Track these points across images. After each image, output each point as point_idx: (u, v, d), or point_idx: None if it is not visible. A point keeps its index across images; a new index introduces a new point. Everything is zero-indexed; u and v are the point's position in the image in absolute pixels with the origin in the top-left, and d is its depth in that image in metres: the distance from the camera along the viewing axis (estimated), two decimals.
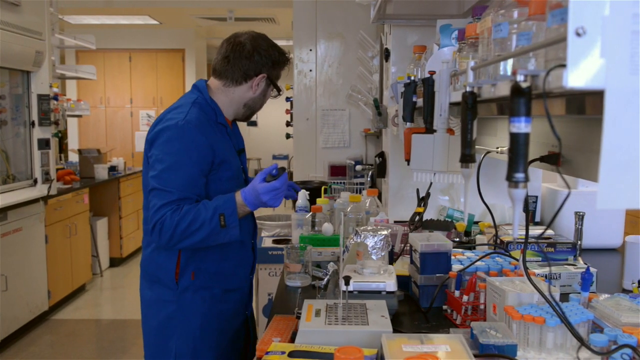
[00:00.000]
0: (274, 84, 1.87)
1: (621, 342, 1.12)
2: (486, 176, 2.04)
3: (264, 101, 1.90)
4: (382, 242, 1.55)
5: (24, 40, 4.08)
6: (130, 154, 8.75)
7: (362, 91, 4.15)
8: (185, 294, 1.77)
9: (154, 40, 8.74)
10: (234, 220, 1.66)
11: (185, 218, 1.62)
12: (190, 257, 1.76)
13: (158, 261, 1.79)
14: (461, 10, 2.53)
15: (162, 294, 1.79)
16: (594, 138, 1.18)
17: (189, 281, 1.76)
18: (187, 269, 1.76)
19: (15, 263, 3.98)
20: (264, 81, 1.83)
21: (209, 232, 1.63)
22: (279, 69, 1.86)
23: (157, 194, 1.65)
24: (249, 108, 1.87)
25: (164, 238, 1.63)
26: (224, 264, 1.82)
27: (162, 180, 1.65)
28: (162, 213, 1.62)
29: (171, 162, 1.66)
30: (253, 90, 1.83)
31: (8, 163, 4.38)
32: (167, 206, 1.63)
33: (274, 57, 1.83)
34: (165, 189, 1.64)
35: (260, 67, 1.81)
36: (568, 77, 0.75)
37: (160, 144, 1.68)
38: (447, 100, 1.61)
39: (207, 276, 1.78)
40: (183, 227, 1.61)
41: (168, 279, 1.77)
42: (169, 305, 1.78)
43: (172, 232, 1.61)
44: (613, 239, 2.41)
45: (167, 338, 1.78)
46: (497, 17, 1.10)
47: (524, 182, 0.92)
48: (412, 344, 1.10)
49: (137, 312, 4.98)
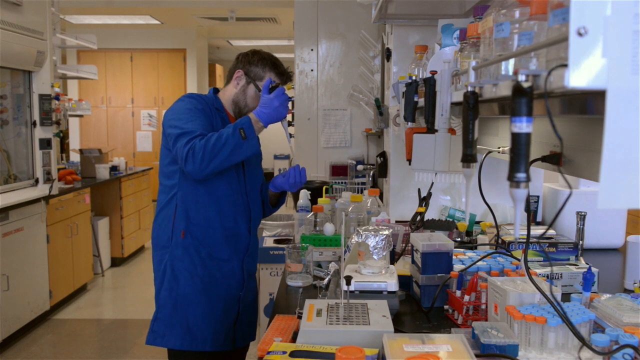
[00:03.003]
0: (253, 81, 2.09)
1: (623, 342, 1.12)
2: (488, 176, 2.04)
3: (248, 99, 2.10)
4: (383, 242, 1.55)
5: (26, 40, 4.08)
6: (132, 153, 8.76)
7: (364, 91, 4.15)
8: (176, 250, 2.01)
9: (156, 40, 8.75)
10: (252, 132, 1.90)
11: (210, 138, 1.85)
12: (180, 220, 2.00)
13: (159, 223, 2.06)
14: (462, 10, 2.53)
15: (162, 255, 2.04)
16: (595, 138, 1.18)
17: (180, 239, 2.01)
18: (178, 229, 2.01)
19: (16, 263, 3.98)
20: (242, 78, 2.09)
21: (233, 146, 1.85)
22: (256, 68, 2.09)
23: (182, 135, 1.87)
24: (236, 104, 2.12)
25: (197, 159, 1.83)
26: (211, 231, 2.02)
27: (184, 125, 1.90)
28: (191, 143, 1.84)
29: (187, 116, 1.93)
30: (235, 86, 2.11)
31: (9, 163, 4.38)
32: (194, 138, 1.85)
33: (255, 57, 2.10)
34: (188, 130, 1.88)
35: (238, 65, 2.11)
36: (569, 77, 0.74)
37: (172, 111, 1.98)
38: (448, 100, 1.61)
39: (194, 239, 2.01)
40: (211, 144, 1.83)
41: (165, 238, 2.03)
42: (164, 259, 2.03)
43: (202, 151, 1.82)
44: (615, 238, 2.40)
45: (159, 286, 2.05)
46: (499, 16, 1.10)
47: (526, 182, 0.92)
48: (414, 344, 1.10)
49: (138, 311, 4.96)
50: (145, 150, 8.86)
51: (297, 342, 1.25)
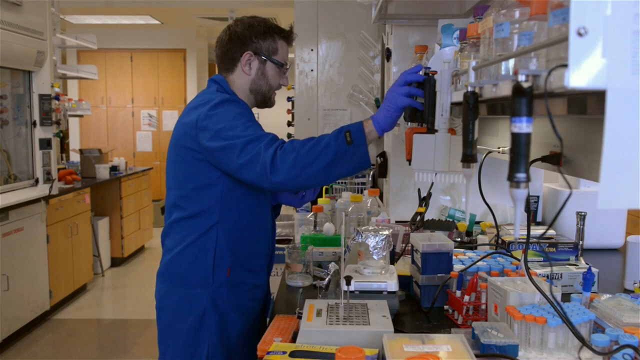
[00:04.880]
0: (269, 58, 1.74)
1: (623, 342, 1.12)
2: (488, 176, 2.04)
3: (273, 81, 1.77)
4: (383, 242, 1.55)
5: (26, 40, 4.08)
6: (132, 153, 8.76)
7: (364, 91, 4.15)
8: (220, 291, 1.69)
9: (156, 40, 8.74)
10: (362, 136, 1.50)
11: (305, 142, 1.48)
12: (224, 256, 1.68)
13: (189, 259, 1.69)
14: (462, 10, 2.53)
15: (193, 294, 1.69)
16: (595, 138, 1.18)
17: (224, 277, 1.69)
18: (222, 265, 1.68)
19: (16, 263, 3.98)
20: (254, 59, 1.74)
21: (335, 152, 1.47)
22: (264, 41, 1.74)
23: (254, 141, 1.51)
24: (257, 92, 1.77)
25: (285, 166, 1.46)
26: (255, 259, 1.77)
27: (247, 132, 1.54)
28: (274, 146, 1.48)
29: (243, 120, 1.57)
30: (247, 72, 1.74)
31: (9, 163, 4.39)
32: (273, 142, 1.50)
33: (256, 30, 1.73)
34: (258, 135, 1.53)
35: (242, 47, 1.73)
36: (569, 77, 0.74)
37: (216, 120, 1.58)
38: (448, 100, 1.61)
39: (241, 271, 1.73)
40: (306, 148, 1.47)
41: (201, 276, 1.67)
42: (201, 303, 1.68)
43: (294, 156, 1.46)
44: (615, 239, 2.40)
45: (200, 340, 1.69)
46: (499, 16, 1.10)
47: (526, 182, 0.92)
48: (414, 344, 1.10)
49: (138, 311, 4.94)
50: (145, 150, 8.85)
51: (297, 342, 1.25)
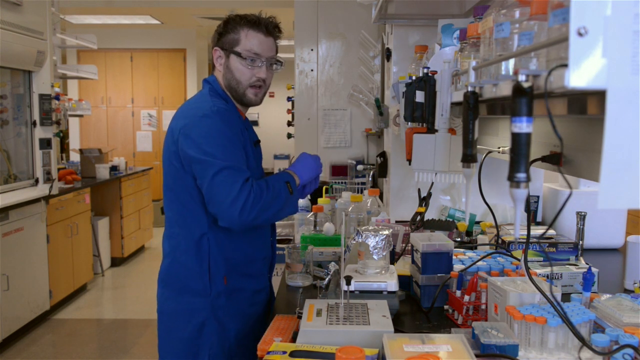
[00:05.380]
0: (231, 50, 1.75)
1: (623, 342, 1.12)
2: (488, 176, 2.04)
3: (236, 73, 1.76)
4: (383, 242, 1.55)
5: (26, 40, 4.08)
6: (132, 153, 8.76)
7: (364, 91, 4.15)
8: (218, 300, 1.71)
9: (156, 40, 8.74)
10: (295, 189, 1.73)
11: (265, 188, 1.63)
12: (218, 265, 1.70)
13: (188, 266, 1.71)
14: (463, 10, 2.53)
15: (192, 303, 1.71)
16: (595, 138, 1.18)
17: (222, 285, 1.71)
18: (218, 273, 1.71)
19: (16, 263, 3.98)
20: (221, 55, 1.78)
21: (284, 201, 1.67)
22: (227, 33, 1.76)
23: (226, 170, 1.60)
24: (230, 89, 1.79)
25: (253, 211, 1.58)
26: (252, 265, 1.79)
27: (229, 159, 1.62)
28: (246, 189, 1.59)
29: (227, 143, 1.64)
30: (220, 69, 1.79)
31: (9, 163, 4.38)
32: (246, 183, 1.60)
33: (220, 28, 1.78)
34: (232, 165, 1.61)
35: (213, 46, 1.81)
36: (570, 77, 0.74)
37: (200, 132, 1.64)
38: (448, 100, 1.61)
39: (238, 278, 1.75)
40: (268, 196, 1.62)
41: (199, 285, 1.70)
42: (201, 313, 1.71)
43: (260, 203, 1.59)
44: (615, 239, 2.40)
45: (200, 348, 1.71)
46: (499, 16, 1.10)
47: (526, 182, 0.92)
48: (414, 344, 1.10)
49: (138, 311, 4.94)
50: (145, 150, 8.85)
51: (297, 342, 1.25)
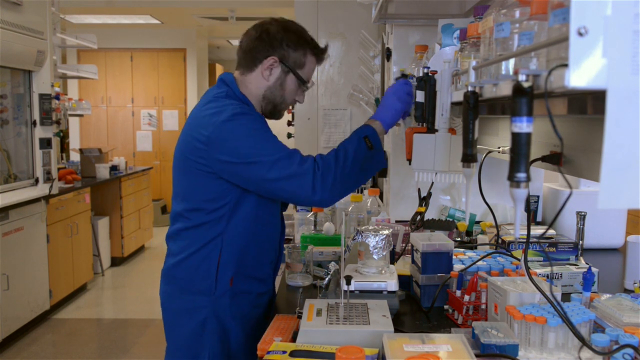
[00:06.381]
0: (293, 70, 1.63)
1: (623, 342, 1.12)
2: (488, 176, 2.04)
3: (289, 95, 1.68)
4: (383, 242, 1.55)
5: (26, 39, 4.08)
6: (132, 153, 8.76)
7: (364, 91, 4.15)
8: (221, 300, 1.66)
9: (156, 39, 8.74)
10: (378, 140, 1.57)
11: (335, 157, 1.51)
12: (228, 266, 1.65)
13: (196, 266, 1.66)
14: (463, 9, 2.53)
15: (195, 301, 1.67)
16: (595, 138, 1.18)
17: (227, 287, 1.65)
18: (225, 274, 1.65)
19: (16, 262, 3.98)
20: (277, 67, 1.63)
21: (363, 159, 1.52)
22: (294, 50, 1.64)
23: (282, 160, 1.51)
24: (269, 101, 1.67)
25: (327, 184, 1.49)
26: (260, 269, 1.75)
27: (272, 150, 1.52)
28: (307, 165, 1.50)
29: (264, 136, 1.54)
30: (265, 77, 1.64)
31: (9, 162, 4.39)
32: (303, 158, 1.52)
33: (289, 37, 1.62)
34: (286, 153, 1.52)
35: (269, 49, 1.61)
36: (570, 77, 0.74)
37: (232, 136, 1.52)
38: (448, 100, 1.61)
39: (245, 280, 1.69)
40: (341, 163, 1.50)
41: (204, 284, 1.65)
42: (203, 311, 1.66)
43: (333, 172, 1.49)
44: (615, 238, 2.40)
45: (200, 346, 1.68)
46: (499, 16, 1.10)
47: (526, 182, 0.92)
48: (414, 344, 1.10)
49: (138, 311, 4.93)
50: (145, 149, 8.85)
51: (297, 342, 1.25)
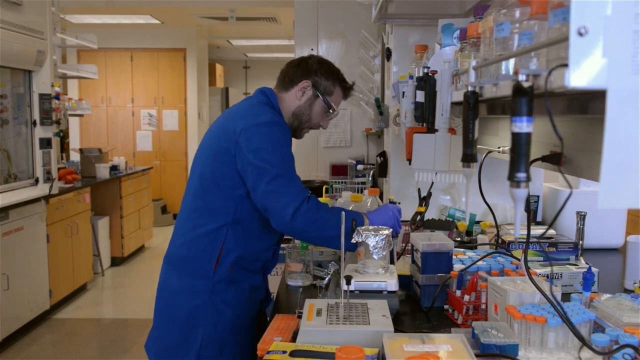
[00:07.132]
0: (322, 95, 1.85)
1: (623, 342, 1.12)
2: (488, 176, 2.04)
3: (315, 116, 1.88)
4: (383, 242, 1.55)
5: (26, 39, 4.08)
6: (132, 153, 8.76)
7: (364, 90, 4.15)
8: (218, 285, 1.75)
9: (156, 39, 8.74)
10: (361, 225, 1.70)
11: (325, 209, 1.67)
12: (230, 254, 1.75)
13: (199, 251, 1.76)
14: (463, 9, 2.53)
15: (193, 284, 1.77)
16: (595, 138, 1.18)
17: (226, 274, 1.75)
18: (225, 262, 1.75)
19: (16, 262, 3.98)
20: (310, 89, 1.85)
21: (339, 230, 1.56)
22: (326, 79, 1.86)
23: (284, 181, 1.66)
24: (297, 117, 1.87)
25: (307, 220, 1.63)
26: (254, 264, 1.81)
27: (285, 168, 1.68)
28: (303, 197, 1.65)
29: (285, 153, 1.71)
30: (298, 97, 1.85)
31: (9, 162, 4.38)
32: (303, 190, 1.68)
33: (323, 68, 1.86)
34: (289, 175, 1.68)
35: (305, 74, 1.85)
36: (570, 76, 0.74)
37: (262, 137, 1.69)
38: (448, 99, 1.61)
39: (242, 271, 1.78)
40: (326, 215, 1.65)
41: (204, 268, 1.75)
42: (200, 295, 1.75)
43: (316, 216, 1.64)
44: (615, 238, 2.40)
45: (195, 327, 1.76)
46: (499, 16, 1.10)
47: (526, 182, 0.92)
48: (414, 344, 1.10)
49: (138, 311, 4.93)
50: (145, 149, 8.85)
51: (297, 342, 1.25)
